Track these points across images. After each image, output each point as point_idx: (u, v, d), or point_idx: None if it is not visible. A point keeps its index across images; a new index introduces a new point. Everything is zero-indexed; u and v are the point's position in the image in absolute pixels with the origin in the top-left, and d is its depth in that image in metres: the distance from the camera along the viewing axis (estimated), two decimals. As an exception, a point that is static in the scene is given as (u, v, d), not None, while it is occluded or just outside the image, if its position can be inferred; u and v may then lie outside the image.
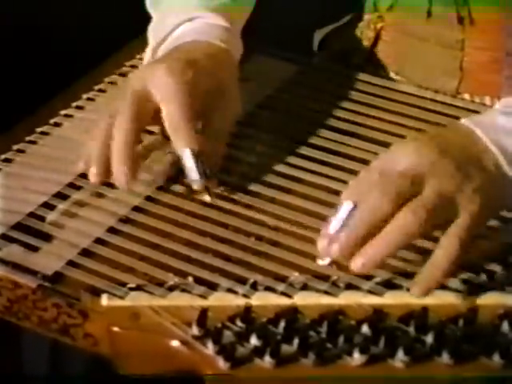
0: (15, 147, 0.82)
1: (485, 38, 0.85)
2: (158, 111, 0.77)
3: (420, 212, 0.66)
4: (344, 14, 0.96)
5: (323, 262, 0.68)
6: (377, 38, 0.92)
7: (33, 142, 0.83)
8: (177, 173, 0.78)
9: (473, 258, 0.69)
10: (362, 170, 0.70)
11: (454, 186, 0.67)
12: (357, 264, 0.66)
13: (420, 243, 0.70)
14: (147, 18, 0.88)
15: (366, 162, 0.78)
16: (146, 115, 0.76)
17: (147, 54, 0.86)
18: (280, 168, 0.79)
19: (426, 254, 0.70)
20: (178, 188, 0.77)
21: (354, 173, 0.77)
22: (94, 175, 0.75)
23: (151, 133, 0.80)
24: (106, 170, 0.75)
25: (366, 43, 0.92)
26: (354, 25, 0.94)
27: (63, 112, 0.85)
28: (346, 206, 0.67)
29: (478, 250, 0.69)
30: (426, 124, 0.83)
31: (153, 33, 0.86)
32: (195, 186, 0.76)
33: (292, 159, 0.80)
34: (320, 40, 0.98)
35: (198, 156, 0.75)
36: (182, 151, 0.75)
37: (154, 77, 0.77)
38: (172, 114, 0.76)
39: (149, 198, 0.76)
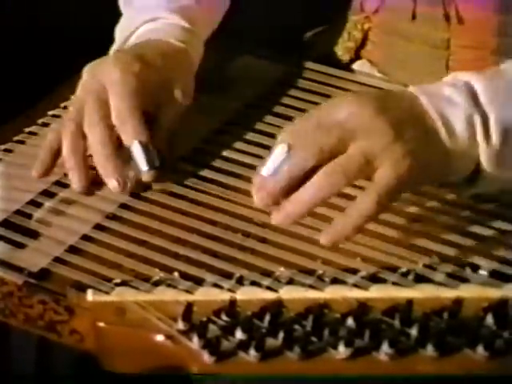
0: (2, 147, 0.82)
1: (471, 36, 0.86)
2: None
3: (335, 175, 0.67)
4: (331, 15, 0.96)
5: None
6: (364, 38, 0.92)
7: (21, 142, 0.83)
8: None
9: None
10: (298, 117, 0.72)
11: (384, 144, 0.68)
12: (276, 218, 0.69)
13: (405, 238, 0.71)
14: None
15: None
16: (108, 108, 0.77)
17: (112, 52, 0.86)
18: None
19: (412, 248, 0.70)
20: (165, 185, 0.77)
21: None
22: (78, 186, 0.76)
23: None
24: (88, 177, 0.76)
25: (353, 44, 0.93)
26: (341, 26, 0.94)
27: (51, 112, 0.86)
28: (279, 150, 0.69)
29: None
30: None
31: (119, 31, 0.87)
32: (145, 178, 0.76)
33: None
34: (308, 41, 0.99)
35: (146, 147, 0.76)
36: (130, 143, 0.76)
37: (103, 70, 0.78)
38: (118, 105, 0.77)
39: (136, 196, 0.77)
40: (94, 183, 0.77)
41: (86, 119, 0.77)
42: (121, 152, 0.77)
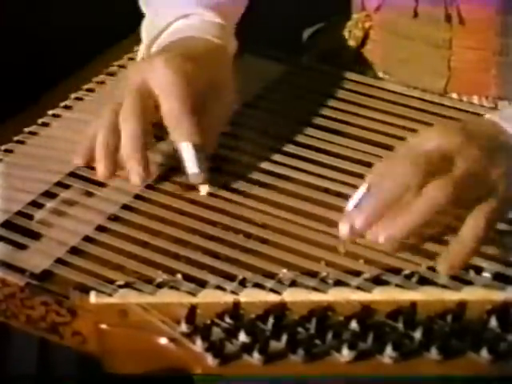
0: (3, 147, 0.82)
1: (473, 36, 0.86)
2: (157, 106, 0.77)
3: (449, 187, 0.67)
4: (332, 13, 0.96)
5: (343, 229, 0.68)
6: (365, 37, 0.92)
7: (21, 142, 0.82)
8: (166, 170, 0.78)
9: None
10: (385, 155, 0.73)
11: (482, 169, 0.69)
12: (383, 235, 0.67)
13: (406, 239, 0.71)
14: (135, 18, 0.89)
15: (352, 160, 0.79)
16: (150, 109, 0.77)
17: (141, 51, 0.86)
18: (267, 166, 0.79)
19: (416, 250, 0.70)
20: (167, 186, 0.77)
21: (340, 170, 0.78)
22: (103, 172, 0.75)
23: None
24: (114, 168, 0.76)
25: (354, 43, 0.93)
26: (342, 24, 0.94)
27: (51, 112, 0.85)
28: (362, 188, 0.69)
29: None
30: (413, 122, 0.83)
31: (146, 29, 0.86)
32: (194, 180, 0.76)
33: (279, 157, 0.80)
34: (308, 39, 0.99)
35: (198, 150, 0.75)
36: (183, 144, 0.75)
37: (152, 70, 0.77)
38: (172, 107, 0.76)
39: (138, 197, 0.76)
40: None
41: (122, 113, 0.76)
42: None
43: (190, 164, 0.75)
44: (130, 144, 0.75)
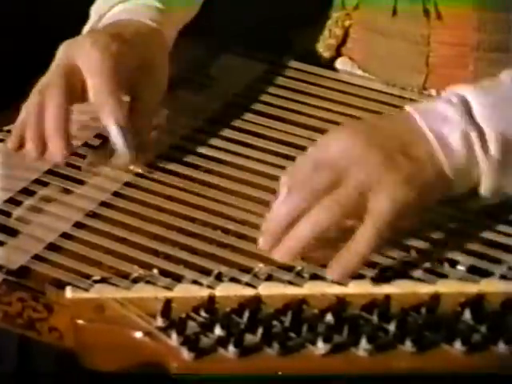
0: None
1: (451, 32, 0.86)
2: (85, 85, 0.78)
3: (333, 208, 0.68)
4: (316, 13, 0.96)
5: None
6: (345, 35, 0.93)
7: (0, 140, 0.82)
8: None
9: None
10: (298, 157, 0.73)
11: (376, 177, 0.68)
12: (276, 254, 0.69)
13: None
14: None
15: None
16: (76, 88, 0.77)
17: (84, 32, 0.87)
18: (247, 163, 0.79)
19: (390, 244, 0.70)
20: (145, 183, 0.78)
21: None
22: (31, 152, 0.76)
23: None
24: (43, 145, 0.76)
25: (334, 41, 0.93)
26: (322, 23, 0.94)
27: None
28: (281, 192, 0.71)
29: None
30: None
31: (94, 11, 0.87)
32: (123, 160, 0.77)
33: (258, 155, 0.80)
34: (289, 39, 0.99)
35: (123, 130, 0.76)
36: (109, 125, 0.76)
37: (79, 49, 0.78)
38: (97, 88, 0.77)
39: (116, 194, 0.77)
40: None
41: (47, 91, 0.77)
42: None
43: (118, 145, 0.76)
44: (52, 120, 0.76)
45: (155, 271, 0.69)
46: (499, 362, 0.62)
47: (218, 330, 0.64)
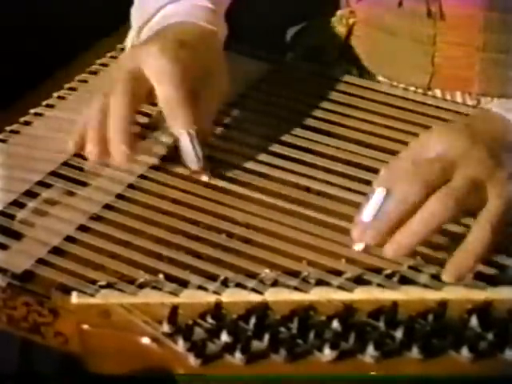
0: (-15, 147, 0.82)
1: (456, 32, 0.85)
2: (151, 92, 0.77)
3: (448, 200, 0.67)
4: (316, 11, 0.96)
5: (358, 247, 0.69)
6: (349, 33, 0.92)
7: (2, 141, 0.82)
8: (147, 169, 0.78)
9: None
10: (393, 159, 0.72)
11: (486, 173, 0.68)
12: (389, 251, 0.68)
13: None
14: (117, 17, 0.88)
15: (335, 159, 0.79)
16: (141, 95, 0.77)
17: (130, 37, 0.86)
18: (251, 165, 0.79)
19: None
20: (149, 185, 0.77)
21: (324, 170, 0.78)
22: (92, 154, 0.75)
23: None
24: (104, 148, 0.75)
25: (339, 39, 0.93)
26: (326, 21, 0.94)
27: (33, 110, 0.85)
28: (378, 194, 0.69)
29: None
30: (399, 122, 0.83)
31: (135, 15, 0.86)
32: (193, 167, 0.77)
33: (263, 157, 0.80)
34: (292, 37, 0.99)
35: (194, 138, 0.76)
36: (180, 133, 0.76)
37: (147, 57, 0.77)
38: (167, 95, 0.76)
39: (120, 196, 0.76)
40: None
41: (113, 95, 0.75)
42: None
43: (188, 152, 0.76)
44: (116, 123, 0.75)
45: (161, 276, 0.69)
46: (506, 369, 0.62)
47: (225, 337, 0.64)
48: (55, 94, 0.87)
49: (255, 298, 0.67)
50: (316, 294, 0.67)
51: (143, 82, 0.77)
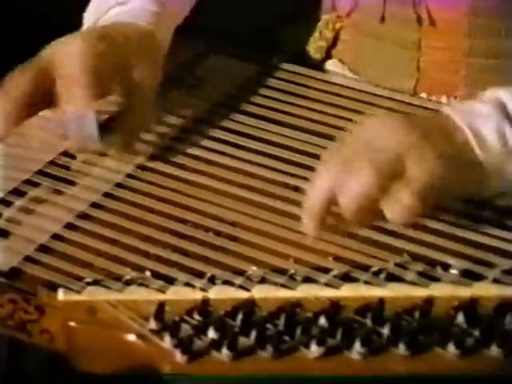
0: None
1: (442, 37, 0.86)
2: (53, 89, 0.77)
3: (371, 168, 0.68)
4: (305, 14, 0.96)
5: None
6: (335, 38, 0.93)
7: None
8: (135, 168, 0.79)
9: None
10: (339, 139, 0.73)
11: (416, 147, 0.69)
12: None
13: (376, 237, 0.71)
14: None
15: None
16: (46, 81, 0.76)
17: None
18: (237, 164, 0.79)
19: (384, 247, 0.71)
20: (136, 184, 0.77)
21: (309, 168, 0.78)
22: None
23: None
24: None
25: (325, 43, 0.93)
26: (312, 25, 0.94)
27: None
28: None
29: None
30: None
31: (88, 14, 0.87)
32: (92, 145, 0.77)
33: (250, 156, 0.80)
34: (279, 40, 0.99)
35: (92, 115, 0.76)
36: (73, 111, 0.76)
37: (67, 44, 0.78)
38: (67, 73, 0.76)
39: (107, 195, 0.76)
40: None
41: (19, 72, 0.76)
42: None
43: (88, 130, 0.76)
44: (9, 95, 0.75)
45: (148, 273, 0.69)
46: (492, 365, 0.63)
47: (212, 333, 0.64)
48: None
49: (242, 294, 0.67)
50: (303, 291, 0.67)
51: (50, 72, 0.76)
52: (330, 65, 0.93)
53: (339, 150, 0.72)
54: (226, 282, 0.68)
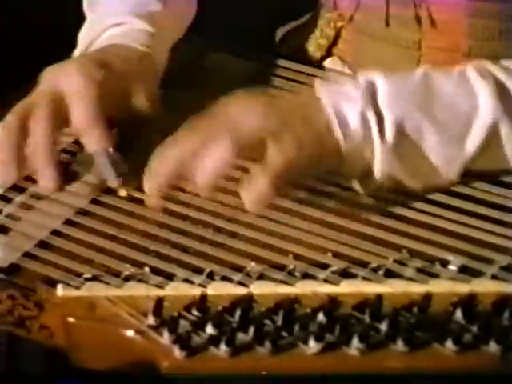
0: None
1: (442, 38, 0.86)
2: (69, 111, 0.77)
3: (229, 143, 0.70)
4: (305, 12, 0.96)
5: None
6: (336, 36, 0.93)
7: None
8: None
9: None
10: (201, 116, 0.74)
11: (271, 130, 0.70)
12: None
13: (375, 233, 0.72)
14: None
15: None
16: (61, 115, 0.77)
17: (74, 56, 0.86)
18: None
19: (382, 244, 0.71)
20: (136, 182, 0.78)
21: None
22: (10, 173, 0.75)
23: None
24: (23, 167, 0.75)
25: (326, 41, 0.93)
26: (314, 23, 0.95)
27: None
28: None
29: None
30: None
31: (83, 36, 0.86)
32: (111, 184, 0.76)
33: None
34: (280, 38, 0.99)
35: (112, 154, 0.76)
36: (95, 150, 0.76)
37: (64, 75, 0.78)
38: (82, 114, 0.76)
39: (106, 191, 0.76)
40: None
41: (34, 116, 0.75)
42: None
43: (105, 169, 0.76)
44: (42, 148, 0.75)
45: (147, 269, 0.69)
46: (490, 361, 0.63)
47: (210, 329, 0.64)
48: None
49: (241, 290, 0.67)
50: (301, 287, 0.67)
51: (61, 100, 0.77)
52: (330, 63, 0.93)
53: (198, 124, 0.73)
54: (225, 278, 0.68)
